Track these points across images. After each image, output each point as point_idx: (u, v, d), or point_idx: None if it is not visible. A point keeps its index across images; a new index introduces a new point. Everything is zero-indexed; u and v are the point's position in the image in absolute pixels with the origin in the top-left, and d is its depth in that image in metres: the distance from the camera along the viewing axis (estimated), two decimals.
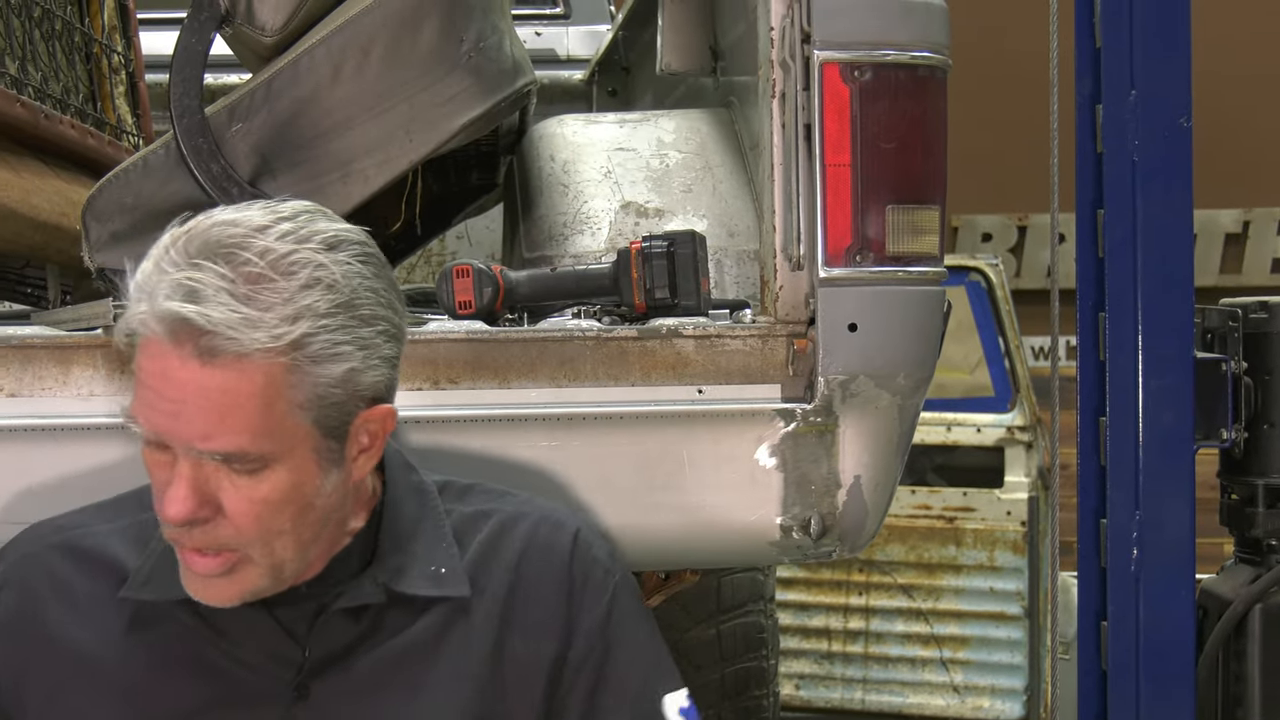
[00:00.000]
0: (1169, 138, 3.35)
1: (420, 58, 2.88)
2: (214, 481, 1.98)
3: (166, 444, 1.99)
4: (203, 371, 1.94)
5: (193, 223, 1.99)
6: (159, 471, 2.01)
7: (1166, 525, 3.39)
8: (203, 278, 1.93)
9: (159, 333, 1.95)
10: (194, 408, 1.96)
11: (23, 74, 3.35)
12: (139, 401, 1.99)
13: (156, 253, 1.98)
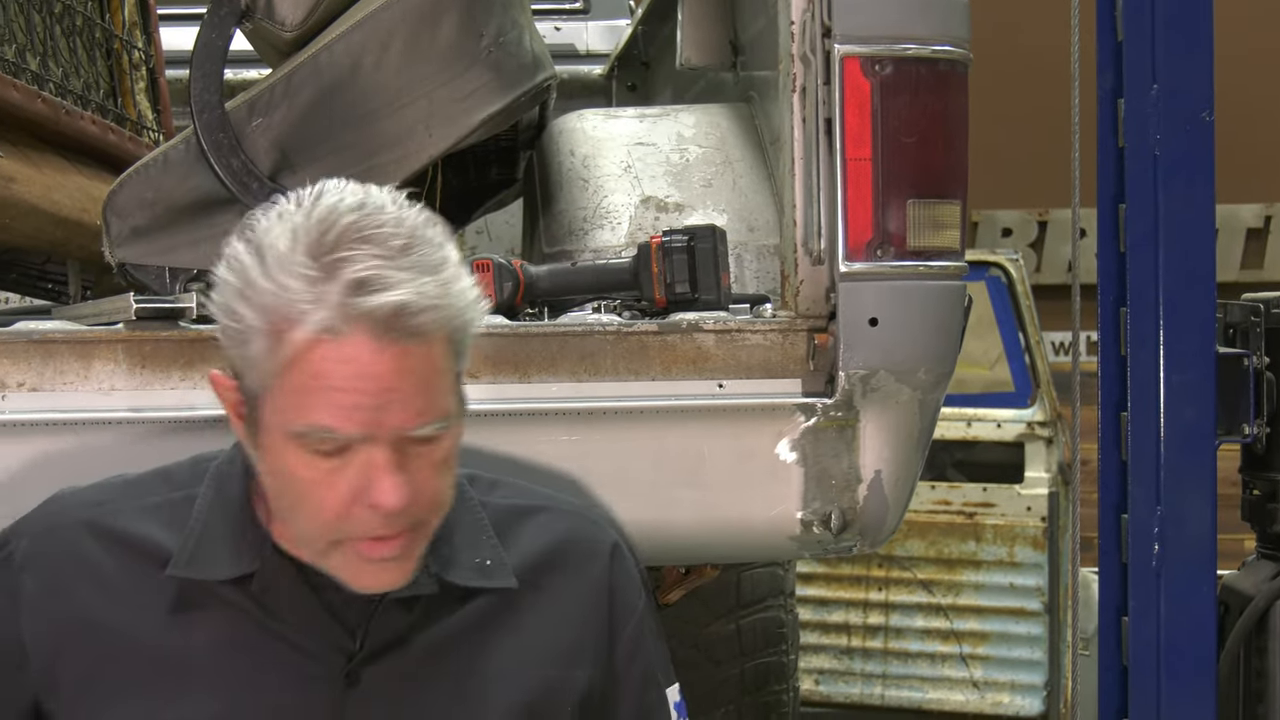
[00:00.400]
0: (1191, 132, 3.34)
1: (440, 53, 2.88)
2: (408, 459, 1.97)
3: (357, 441, 1.94)
4: (406, 353, 1.91)
5: (302, 222, 1.93)
6: (324, 476, 1.96)
7: (1188, 521, 3.38)
8: (372, 264, 1.91)
9: (354, 331, 1.89)
10: (403, 393, 1.93)
11: (44, 70, 3.36)
12: (327, 408, 1.92)
13: (282, 260, 1.91)
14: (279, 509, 2.04)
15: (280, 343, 1.91)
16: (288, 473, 1.97)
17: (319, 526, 1.99)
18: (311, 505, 1.97)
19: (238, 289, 1.93)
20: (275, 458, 1.98)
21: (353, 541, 1.99)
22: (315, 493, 1.97)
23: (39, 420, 2.65)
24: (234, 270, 1.94)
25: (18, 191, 3.02)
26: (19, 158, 3.11)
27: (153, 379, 2.67)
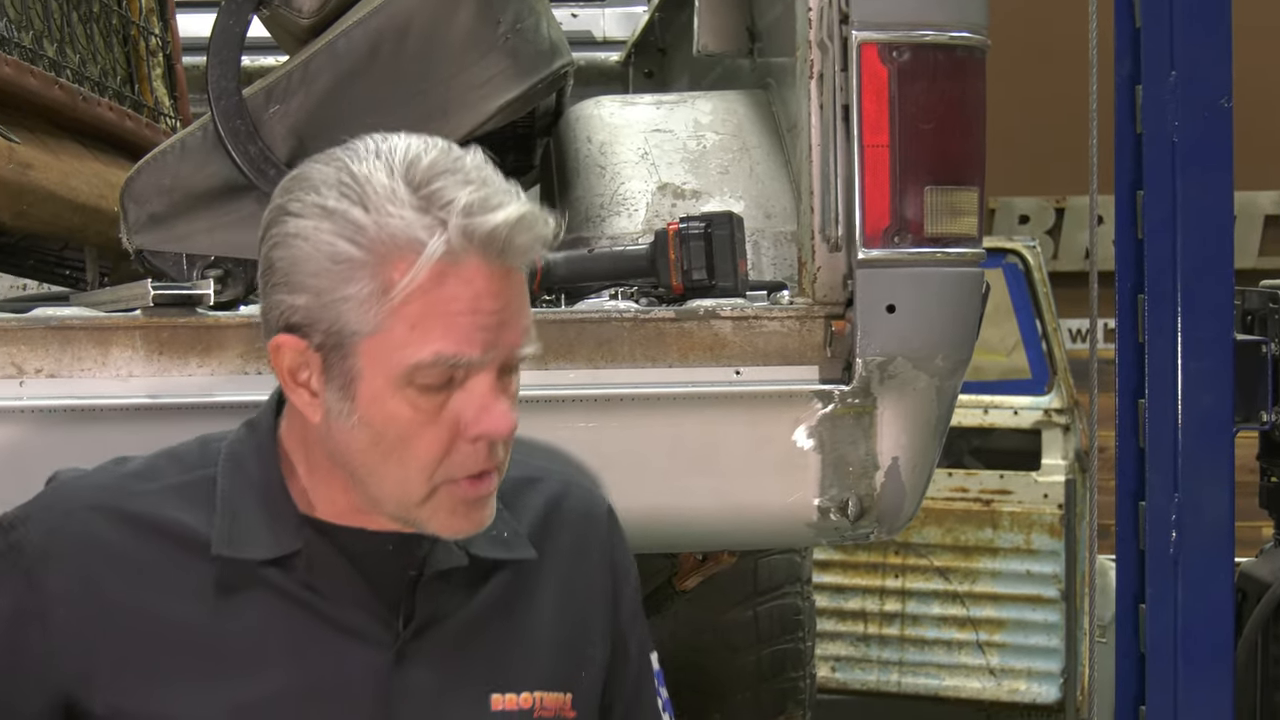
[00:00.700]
0: (1209, 118, 3.34)
1: (457, 39, 2.88)
2: (505, 387, 2.00)
3: (473, 367, 1.95)
4: (509, 273, 1.95)
5: (389, 158, 1.94)
6: (429, 415, 1.95)
7: (1205, 508, 3.38)
8: (473, 190, 1.92)
9: (470, 253, 1.90)
10: (512, 312, 1.96)
11: (61, 56, 3.36)
12: (450, 333, 1.92)
13: (388, 194, 1.91)
14: (364, 467, 2.00)
15: (397, 275, 1.90)
16: (389, 419, 1.95)
17: (420, 472, 1.97)
18: (416, 449, 1.97)
19: (338, 231, 1.91)
20: (373, 406, 1.95)
21: (451, 484, 1.99)
22: (421, 434, 1.96)
23: (57, 407, 2.65)
24: (325, 216, 1.93)
25: (35, 178, 3.02)
26: (36, 144, 3.12)
27: (170, 365, 2.68)
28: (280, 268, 1.95)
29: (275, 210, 1.98)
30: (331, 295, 1.92)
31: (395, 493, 2.00)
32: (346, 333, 1.93)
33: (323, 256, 1.92)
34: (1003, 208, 11.37)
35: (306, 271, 1.93)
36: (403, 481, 1.99)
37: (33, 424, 2.65)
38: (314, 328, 1.95)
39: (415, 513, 2.01)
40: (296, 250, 1.93)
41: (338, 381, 1.96)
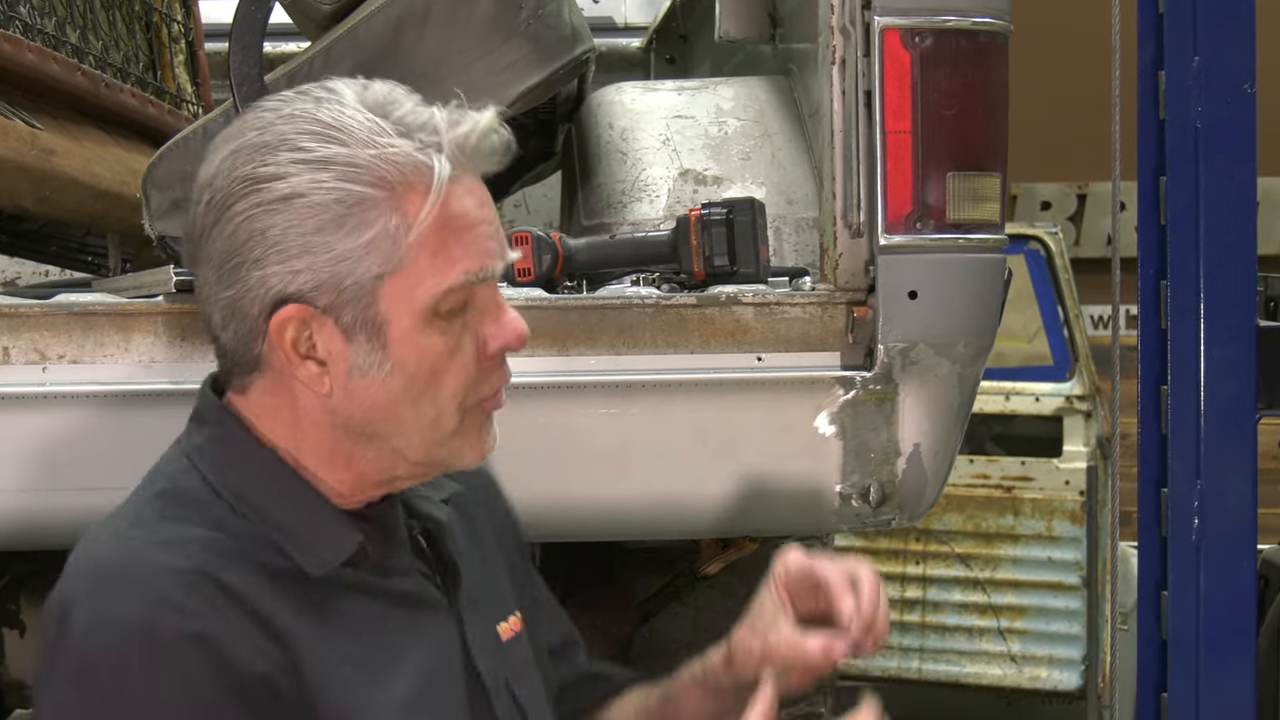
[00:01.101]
0: (1232, 104, 3.33)
1: (478, 25, 2.88)
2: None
3: (488, 281, 1.96)
4: (482, 183, 1.97)
5: (351, 101, 1.92)
6: (455, 341, 1.95)
7: (1228, 495, 3.37)
8: (438, 109, 1.94)
9: (464, 168, 1.93)
10: (496, 216, 1.98)
11: (84, 43, 3.37)
12: (473, 248, 1.93)
13: (374, 131, 1.89)
14: (392, 419, 1.96)
15: (413, 205, 1.89)
16: (421, 356, 1.93)
17: (452, 401, 1.97)
18: (447, 380, 1.95)
19: (342, 175, 1.87)
20: (405, 347, 1.93)
21: (476, 407, 2.00)
22: (453, 362, 1.95)
23: (79, 392, 2.66)
24: (319, 166, 1.88)
25: (58, 164, 3.03)
26: (59, 131, 3.12)
27: (192, 351, 2.68)
28: (270, 237, 1.88)
29: (237, 183, 1.90)
30: (344, 244, 1.88)
31: (427, 434, 1.98)
32: (366, 279, 1.89)
33: (329, 207, 1.87)
34: (1024, 194, 11.36)
35: (307, 230, 1.88)
36: (436, 419, 1.97)
37: (56, 410, 2.66)
38: (320, 289, 1.90)
39: (446, 447, 2.00)
40: (292, 212, 1.88)
41: (362, 335, 1.92)
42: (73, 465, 2.66)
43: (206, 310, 1.98)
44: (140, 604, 1.83)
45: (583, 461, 2.73)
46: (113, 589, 1.85)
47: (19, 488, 2.66)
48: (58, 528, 2.68)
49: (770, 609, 2.17)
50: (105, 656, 1.82)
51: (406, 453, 2.00)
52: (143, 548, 1.89)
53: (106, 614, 1.83)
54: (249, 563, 1.92)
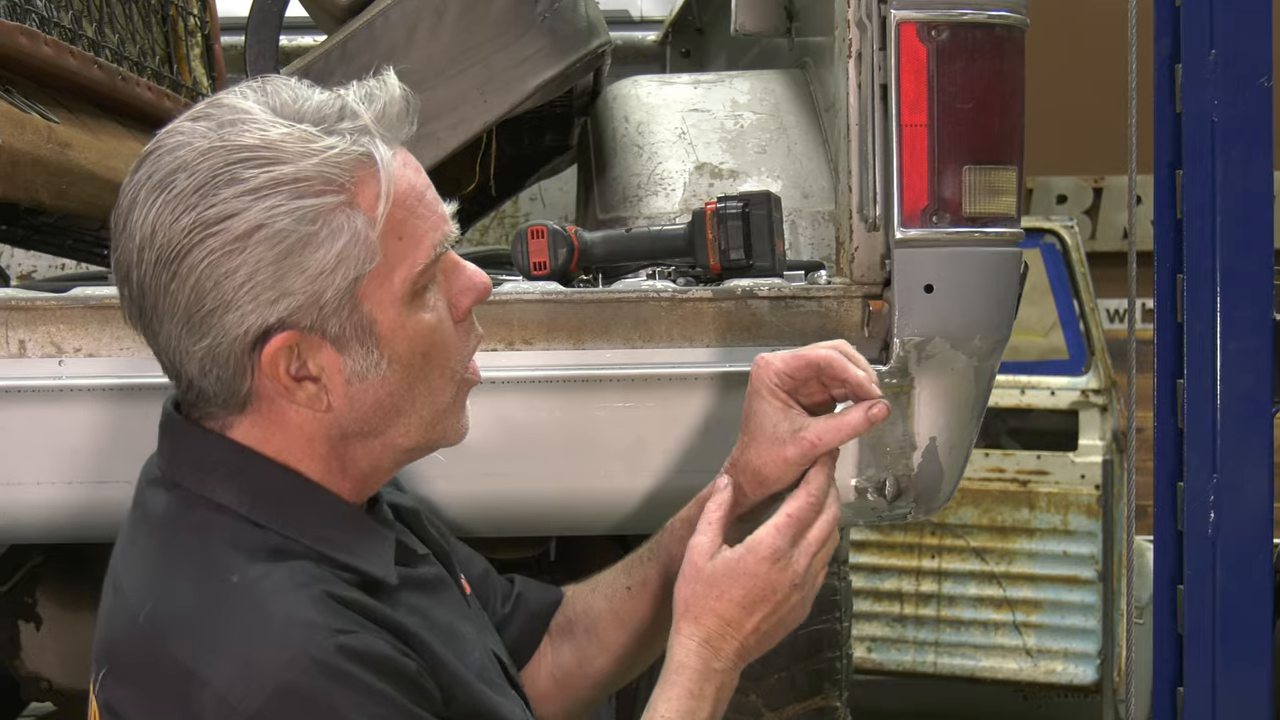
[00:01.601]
0: (1249, 98, 3.32)
1: (495, 19, 2.88)
2: None
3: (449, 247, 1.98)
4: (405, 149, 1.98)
5: (264, 118, 1.88)
6: (436, 314, 1.96)
7: (1244, 489, 3.37)
8: (352, 90, 1.94)
9: (392, 144, 1.93)
10: (429, 181, 1.99)
11: (100, 36, 3.37)
12: (430, 221, 1.93)
13: (301, 139, 1.86)
14: (393, 411, 1.96)
15: (367, 195, 1.88)
16: (414, 339, 1.94)
17: (447, 373, 1.99)
18: (440, 354, 1.97)
19: (291, 195, 1.83)
20: (398, 337, 1.93)
21: (464, 376, 2.02)
22: (441, 334, 1.97)
23: (96, 385, 2.66)
24: (264, 194, 1.83)
25: (74, 157, 3.03)
26: (75, 124, 3.12)
27: None
28: (238, 277, 1.84)
29: (183, 233, 1.84)
30: (317, 261, 1.85)
31: (428, 413, 1.99)
32: (345, 286, 1.87)
33: (292, 229, 1.84)
34: (1040, 187, 11.32)
35: (274, 258, 1.84)
36: (435, 395, 1.98)
37: (72, 403, 2.66)
38: (301, 310, 1.87)
39: (443, 423, 2.01)
40: (252, 247, 1.83)
41: (354, 340, 1.90)
42: (89, 459, 2.66)
43: (176, 364, 1.93)
44: (294, 642, 1.80)
45: (598, 455, 2.73)
46: (261, 645, 1.81)
47: (35, 481, 2.66)
48: (73, 521, 2.69)
49: (776, 415, 2.21)
50: (289, 708, 1.78)
51: (402, 441, 2.00)
52: (259, 600, 1.85)
53: (265, 666, 1.79)
54: (339, 580, 1.91)
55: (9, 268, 4.79)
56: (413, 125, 1.96)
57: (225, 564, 1.88)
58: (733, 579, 2.11)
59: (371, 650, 1.82)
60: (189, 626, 1.84)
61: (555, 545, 3.70)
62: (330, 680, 1.78)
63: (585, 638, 2.43)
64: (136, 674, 1.86)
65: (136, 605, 1.89)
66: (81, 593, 3.79)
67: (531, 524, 2.86)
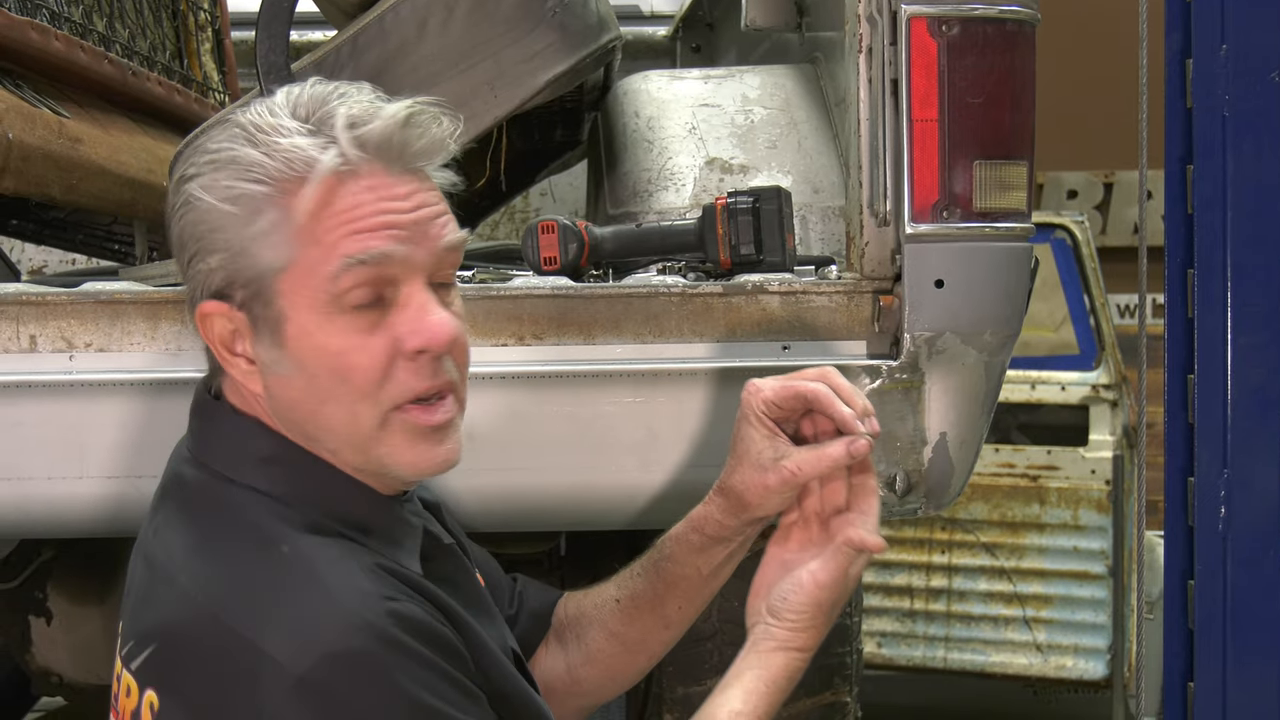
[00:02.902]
0: (1260, 92, 3.32)
1: (505, 13, 2.88)
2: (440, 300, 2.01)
3: (397, 274, 1.96)
4: (421, 177, 2.00)
5: (276, 103, 1.97)
6: (363, 338, 1.95)
7: (1255, 484, 3.36)
8: (360, 102, 1.97)
9: (369, 164, 1.94)
10: (431, 213, 1.99)
11: (111, 31, 3.37)
12: (359, 237, 1.93)
13: (276, 129, 1.93)
14: (309, 418, 1.98)
15: (300, 197, 1.92)
16: (318, 352, 1.95)
17: (361, 399, 1.96)
18: (356, 375, 1.95)
19: (235, 174, 1.93)
20: (301, 342, 1.95)
21: (401, 412, 1.98)
22: (356, 358, 1.95)
23: (106, 380, 2.66)
24: (219, 166, 1.94)
25: (85, 152, 3.03)
26: (86, 119, 3.13)
27: None
28: (192, 234, 1.95)
29: (174, 185, 1.98)
30: (241, 241, 1.93)
31: (347, 433, 1.99)
32: (263, 274, 1.93)
33: (225, 204, 1.92)
34: (1051, 182, 11.31)
35: (212, 226, 1.94)
36: (350, 418, 1.98)
37: (83, 398, 2.66)
38: (233, 284, 1.95)
39: (373, 451, 2.00)
40: (199, 210, 1.94)
41: (266, 331, 1.95)
42: (99, 454, 2.66)
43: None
44: (347, 607, 1.86)
45: (608, 450, 2.73)
46: (315, 610, 1.87)
47: (46, 476, 2.66)
48: (84, 516, 2.69)
49: (761, 442, 2.21)
50: (341, 670, 1.83)
51: (339, 454, 2.01)
52: (312, 568, 1.91)
53: (318, 631, 1.84)
54: (386, 554, 1.98)
55: (20, 263, 4.80)
56: (435, 156, 2.00)
57: (275, 536, 1.94)
58: (846, 595, 2.21)
59: (418, 617, 1.88)
60: (245, 598, 1.89)
61: (565, 541, 3.71)
62: (380, 644, 1.83)
63: (574, 644, 2.46)
64: (195, 648, 1.90)
65: (189, 584, 1.93)
66: (92, 588, 3.79)
67: (542, 519, 2.86)
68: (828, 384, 2.18)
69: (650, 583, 2.38)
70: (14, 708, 5.41)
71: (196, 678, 1.89)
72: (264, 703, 1.82)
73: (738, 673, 2.14)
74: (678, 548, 2.34)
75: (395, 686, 1.83)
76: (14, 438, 2.66)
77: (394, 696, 1.83)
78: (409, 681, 1.83)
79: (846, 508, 2.21)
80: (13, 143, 2.75)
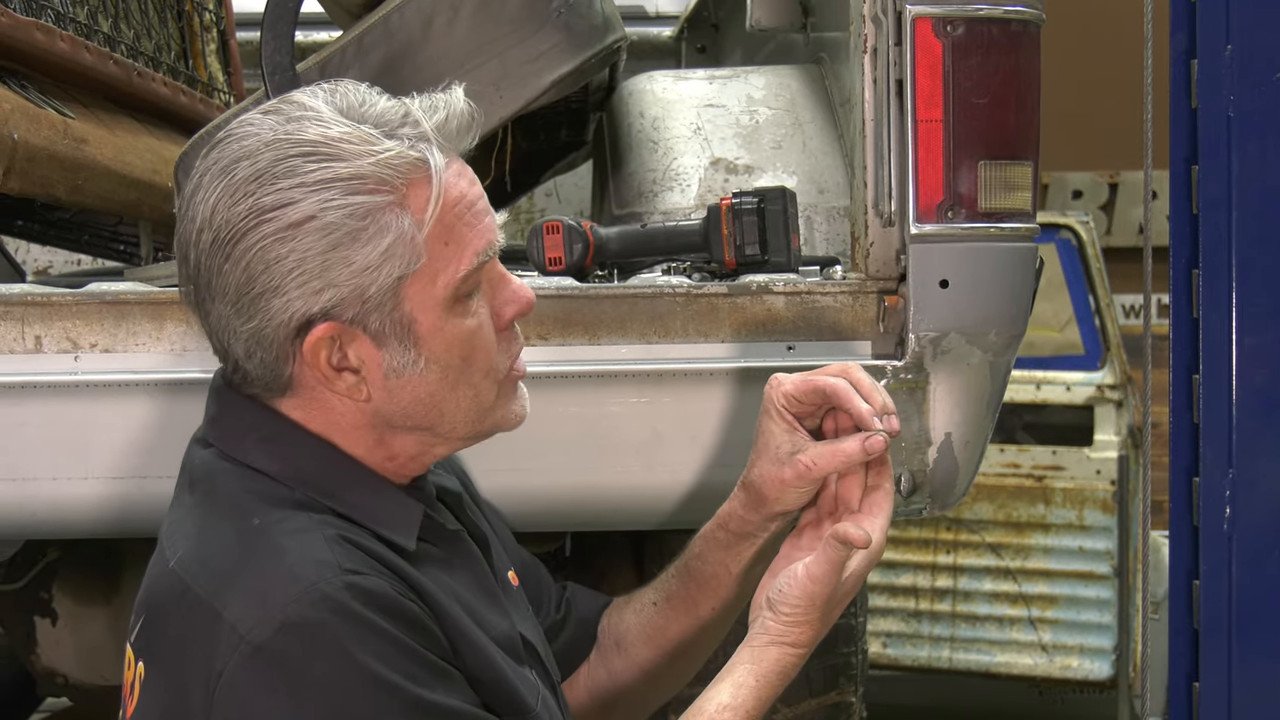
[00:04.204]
0: (1265, 92, 3.31)
1: (510, 14, 2.88)
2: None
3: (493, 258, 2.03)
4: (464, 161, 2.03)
5: (329, 115, 1.95)
6: (478, 319, 2.02)
7: (1260, 483, 3.35)
8: (413, 101, 1.99)
9: (449, 152, 1.98)
10: (483, 193, 2.03)
11: (116, 32, 3.38)
12: (478, 229, 1.99)
13: (358, 140, 1.92)
14: (435, 408, 2.02)
15: (420, 201, 1.93)
16: (453, 342, 1.99)
17: (488, 375, 2.04)
18: (479, 357, 2.02)
19: (345, 190, 1.91)
20: (437, 339, 1.98)
21: (511, 373, 2.08)
22: (481, 338, 2.02)
23: (111, 381, 2.67)
24: (316, 187, 1.91)
25: (90, 153, 3.03)
26: (91, 120, 3.13)
27: None
28: (286, 264, 1.91)
29: (240, 218, 1.91)
30: (363, 256, 1.91)
31: (471, 410, 2.05)
32: (388, 284, 1.93)
33: (342, 223, 1.90)
34: (1056, 183, 11.31)
35: (323, 249, 1.91)
36: (476, 395, 2.04)
37: (88, 398, 2.67)
38: (345, 303, 1.93)
39: (489, 419, 2.08)
40: (303, 236, 1.90)
41: (393, 337, 1.97)
42: (104, 454, 2.66)
43: (225, 343, 2.00)
44: (305, 578, 1.87)
45: (614, 450, 2.73)
46: (273, 580, 1.88)
47: (51, 476, 2.67)
48: (89, 517, 2.70)
49: (780, 436, 2.23)
50: (296, 640, 1.85)
51: (450, 434, 2.06)
52: (276, 539, 1.93)
53: (275, 600, 1.86)
54: (362, 534, 1.98)
55: (25, 263, 4.80)
56: (474, 139, 2.03)
57: (249, 510, 1.96)
58: (846, 596, 2.17)
59: (379, 590, 1.89)
60: (213, 569, 1.92)
61: (571, 541, 3.70)
62: (336, 615, 1.84)
63: (614, 651, 2.47)
64: (167, 616, 1.94)
65: (170, 554, 1.98)
66: (97, 589, 3.79)
67: (547, 520, 2.87)
68: (848, 379, 2.19)
69: (683, 583, 2.39)
70: (20, 708, 5.42)
71: (168, 646, 1.93)
72: (221, 668, 1.84)
73: (730, 667, 2.14)
74: (706, 546, 2.36)
75: (349, 657, 1.84)
76: (19, 438, 2.66)
77: (348, 667, 1.84)
78: (364, 652, 1.84)
79: (859, 507, 2.21)
80: (18, 143, 2.75)
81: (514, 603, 2.23)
